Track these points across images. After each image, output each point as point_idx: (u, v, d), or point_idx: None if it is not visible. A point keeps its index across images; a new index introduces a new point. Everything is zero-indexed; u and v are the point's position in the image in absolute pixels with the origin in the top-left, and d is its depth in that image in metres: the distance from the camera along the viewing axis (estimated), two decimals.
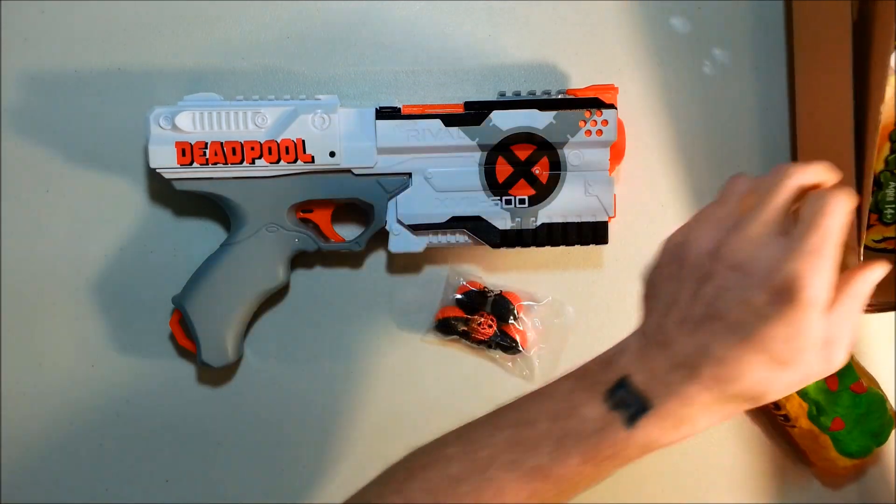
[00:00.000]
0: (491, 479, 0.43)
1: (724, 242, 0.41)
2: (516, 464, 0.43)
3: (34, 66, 0.59)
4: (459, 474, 0.43)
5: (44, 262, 0.60)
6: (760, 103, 0.62)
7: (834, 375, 0.58)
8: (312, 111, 0.55)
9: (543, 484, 0.42)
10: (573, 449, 0.42)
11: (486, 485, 0.43)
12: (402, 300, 0.62)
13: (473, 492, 0.43)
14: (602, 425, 0.42)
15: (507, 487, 0.42)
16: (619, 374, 0.42)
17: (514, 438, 0.43)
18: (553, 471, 0.42)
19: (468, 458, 0.44)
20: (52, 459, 0.61)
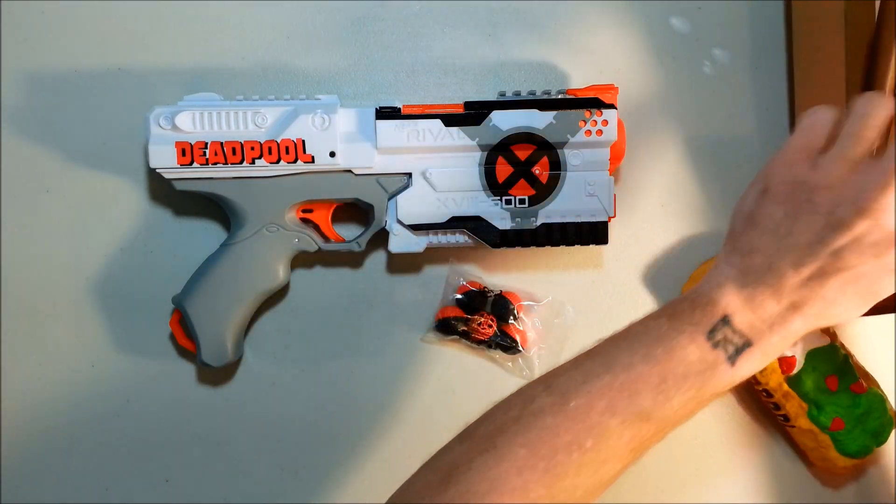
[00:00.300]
0: (592, 426, 0.42)
1: (868, 196, 0.41)
2: (617, 410, 0.42)
3: (34, 66, 0.59)
4: (556, 425, 0.42)
5: (44, 262, 0.60)
6: (760, 103, 0.62)
7: (834, 376, 0.58)
8: (312, 111, 0.55)
9: (646, 426, 0.42)
10: (676, 390, 0.42)
11: (586, 432, 0.41)
12: (402, 300, 0.62)
13: (574, 441, 0.41)
14: (706, 365, 0.42)
15: (609, 434, 0.42)
16: (720, 314, 0.43)
17: (611, 385, 0.42)
18: (656, 413, 0.42)
19: (562, 409, 0.42)
20: (52, 459, 0.61)
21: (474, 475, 0.41)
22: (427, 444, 0.63)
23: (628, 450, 0.42)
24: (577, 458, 0.41)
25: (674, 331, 0.43)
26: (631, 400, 0.42)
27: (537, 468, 0.41)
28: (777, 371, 0.58)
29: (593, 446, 0.41)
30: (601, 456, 0.42)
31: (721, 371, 0.42)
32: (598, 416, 0.42)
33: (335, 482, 0.62)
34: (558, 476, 0.41)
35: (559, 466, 0.41)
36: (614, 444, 0.42)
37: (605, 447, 0.42)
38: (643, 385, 0.42)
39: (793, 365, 0.58)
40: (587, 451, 0.41)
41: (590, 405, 0.42)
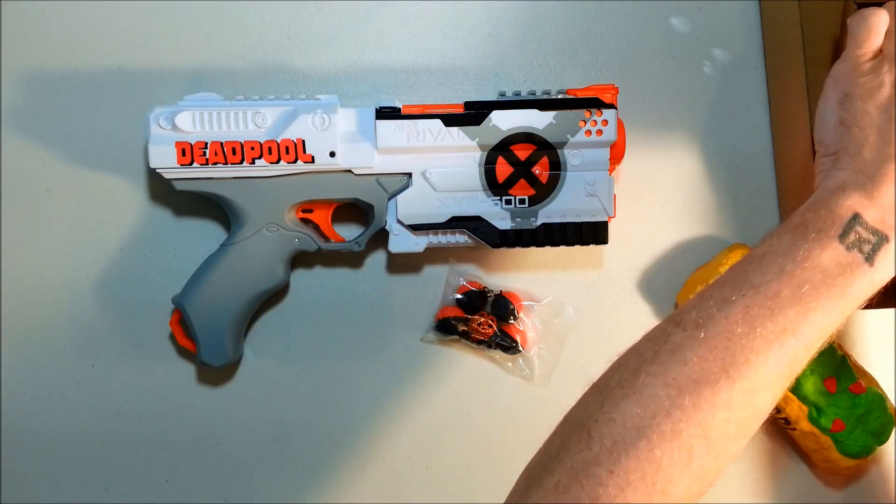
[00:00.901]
0: (735, 353, 0.40)
1: None
2: (760, 332, 0.40)
3: (34, 66, 0.59)
4: (697, 358, 0.40)
5: (44, 262, 0.60)
6: (760, 103, 0.62)
7: (832, 377, 0.58)
8: (312, 111, 0.55)
9: (793, 344, 0.40)
10: (817, 300, 0.41)
11: (730, 360, 0.39)
12: (402, 300, 0.62)
13: (719, 371, 0.39)
14: (843, 269, 0.41)
15: (754, 358, 0.40)
16: (849, 214, 0.42)
17: (747, 307, 0.41)
18: (800, 329, 0.40)
19: (700, 341, 0.40)
20: (52, 459, 0.61)
21: (618, 425, 0.39)
22: (427, 444, 0.64)
23: (777, 374, 0.40)
24: (727, 390, 0.39)
25: (802, 240, 0.42)
26: (771, 317, 0.40)
27: (685, 406, 0.39)
28: None
29: (740, 374, 0.39)
30: (751, 384, 0.40)
31: (861, 272, 0.41)
32: (740, 340, 0.40)
33: (335, 482, 0.62)
34: (709, 412, 0.39)
35: (708, 401, 0.39)
36: (761, 368, 0.40)
37: (752, 373, 0.39)
38: (781, 301, 0.41)
39: None
40: (735, 380, 0.39)
41: (729, 331, 0.40)
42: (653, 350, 0.41)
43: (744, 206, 0.63)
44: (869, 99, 0.45)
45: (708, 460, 0.39)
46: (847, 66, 0.47)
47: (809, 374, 0.58)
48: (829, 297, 0.41)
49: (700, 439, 0.38)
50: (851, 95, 0.46)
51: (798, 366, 0.41)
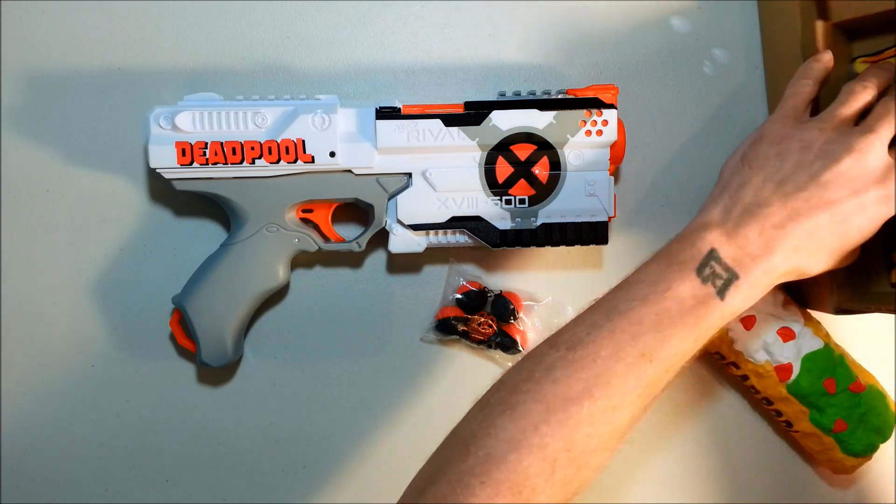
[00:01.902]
0: (599, 374, 0.43)
1: (860, 137, 0.47)
2: (621, 355, 0.44)
3: (34, 66, 0.59)
4: (566, 378, 0.44)
5: (44, 262, 0.60)
6: (760, 103, 0.62)
7: (831, 378, 0.58)
8: (312, 111, 0.55)
9: (650, 367, 0.44)
10: (674, 328, 0.44)
11: (594, 380, 0.43)
12: (402, 300, 0.62)
13: (585, 391, 0.43)
14: (698, 300, 0.44)
15: (615, 379, 0.43)
16: (706, 249, 0.45)
17: (613, 331, 0.44)
18: (657, 353, 0.44)
19: (570, 362, 0.44)
20: (52, 459, 0.61)
21: (492, 439, 0.42)
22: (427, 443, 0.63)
23: (636, 394, 0.44)
24: (589, 408, 0.42)
25: (666, 271, 0.45)
26: (632, 342, 0.44)
27: (552, 422, 0.42)
28: (775, 379, 0.58)
29: (603, 393, 0.43)
30: (612, 402, 0.43)
31: (713, 305, 0.44)
32: (604, 362, 0.43)
33: (335, 482, 0.62)
34: (573, 428, 0.42)
35: (573, 418, 0.42)
36: (621, 388, 0.43)
37: (613, 393, 0.43)
38: (642, 327, 0.44)
39: (789, 372, 0.58)
40: (597, 399, 0.43)
41: (595, 353, 0.44)
42: (528, 369, 0.45)
43: None
44: (775, 145, 0.49)
45: (570, 471, 0.42)
46: (774, 118, 0.51)
47: (808, 375, 0.58)
48: (684, 326, 0.44)
49: (563, 452, 0.42)
50: (763, 137, 0.50)
51: (657, 387, 0.45)
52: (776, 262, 0.45)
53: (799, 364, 0.58)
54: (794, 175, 0.47)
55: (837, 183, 0.46)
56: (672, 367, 0.45)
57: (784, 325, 0.58)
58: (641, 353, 0.44)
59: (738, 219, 0.46)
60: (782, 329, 0.58)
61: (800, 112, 0.51)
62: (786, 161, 0.48)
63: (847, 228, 0.46)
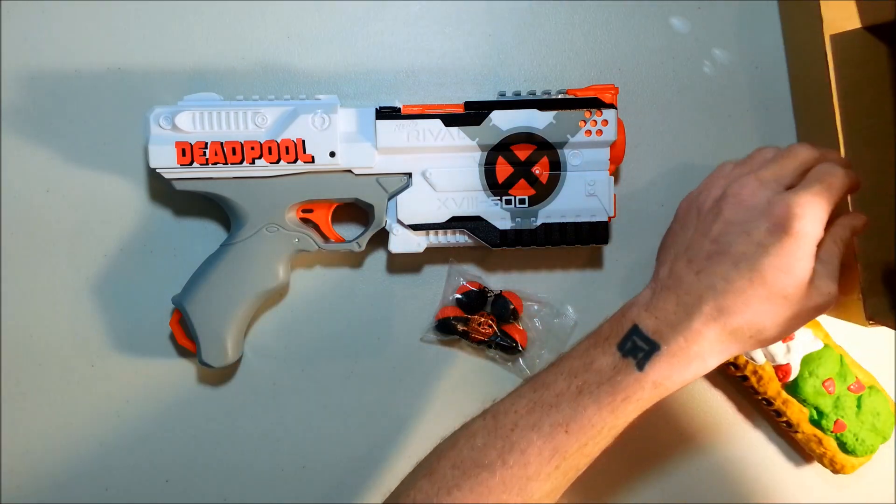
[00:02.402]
0: (514, 443, 0.44)
1: (735, 181, 0.47)
2: (537, 424, 0.45)
3: (34, 66, 0.59)
4: (484, 444, 0.45)
5: (44, 262, 0.60)
6: (760, 103, 0.62)
7: (831, 379, 0.58)
8: (312, 111, 0.55)
9: (565, 438, 0.44)
10: (589, 398, 0.45)
11: (508, 448, 0.44)
12: (402, 300, 0.62)
13: (498, 458, 0.44)
14: (615, 372, 0.45)
15: (530, 448, 0.44)
16: (629, 324, 0.46)
17: (534, 401, 0.46)
18: (572, 424, 0.44)
19: (492, 429, 0.46)
20: (52, 459, 0.61)
21: (410, 500, 0.45)
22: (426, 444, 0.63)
23: (553, 466, 0.44)
24: (501, 475, 0.44)
25: (592, 348, 0.47)
26: (550, 412, 0.45)
27: (463, 487, 0.44)
28: (774, 379, 0.58)
29: (516, 461, 0.44)
30: (526, 472, 0.44)
31: (631, 376, 0.45)
32: (521, 431, 0.45)
33: (335, 482, 0.62)
34: (483, 494, 0.44)
35: (483, 484, 0.44)
36: (536, 458, 0.44)
37: (528, 462, 0.44)
38: (562, 399, 0.45)
39: (788, 372, 0.58)
40: (510, 466, 0.44)
41: (515, 423, 0.45)
42: (458, 435, 0.47)
43: None
44: (679, 219, 0.50)
45: None
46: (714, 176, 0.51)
47: (808, 376, 0.58)
48: (601, 398, 0.45)
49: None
50: (674, 217, 0.51)
51: (575, 459, 0.45)
52: (697, 327, 0.44)
53: (798, 365, 0.58)
54: (691, 239, 0.47)
55: (727, 232, 0.46)
56: (590, 439, 0.45)
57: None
58: (558, 423, 0.44)
59: (658, 294, 0.46)
60: None
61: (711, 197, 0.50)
62: (683, 230, 0.49)
63: (760, 271, 0.44)
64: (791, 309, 0.44)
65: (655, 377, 0.44)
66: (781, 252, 0.44)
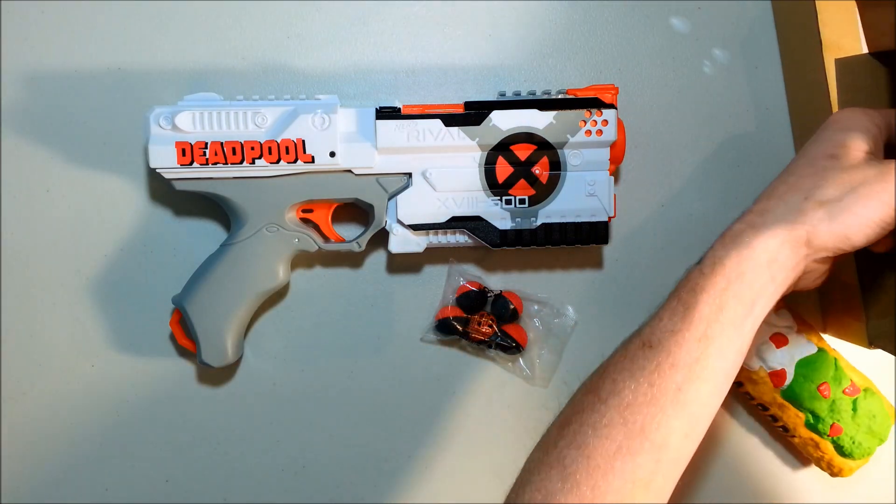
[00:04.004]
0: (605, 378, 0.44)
1: None
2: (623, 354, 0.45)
3: (34, 66, 0.59)
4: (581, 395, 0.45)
5: (44, 262, 0.60)
6: (760, 103, 0.62)
7: (826, 383, 0.58)
8: (312, 111, 0.55)
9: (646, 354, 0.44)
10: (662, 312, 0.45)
11: (601, 385, 0.44)
12: (402, 300, 0.62)
13: (593, 396, 0.44)
14: (684, 280, 0.45)
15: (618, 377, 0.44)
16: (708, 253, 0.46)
17: (623, 343, 0.46)
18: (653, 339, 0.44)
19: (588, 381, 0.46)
20: (52, 459, 0.61)
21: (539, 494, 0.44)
22: (426, 444, 0.64)
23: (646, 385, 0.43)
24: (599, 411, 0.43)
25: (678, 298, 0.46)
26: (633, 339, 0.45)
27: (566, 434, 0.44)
28: (769, 385, 0.58)
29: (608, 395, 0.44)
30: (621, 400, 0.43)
31: (691, 274, 0.45)
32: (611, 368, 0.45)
33: (335, 482, 0.62)
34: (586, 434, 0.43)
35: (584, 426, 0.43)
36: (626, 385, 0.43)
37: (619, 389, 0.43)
38: (642, 325, 0.46)
39: (783, 378, 0.58)
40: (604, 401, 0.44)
41: (607, 364, 0.46)
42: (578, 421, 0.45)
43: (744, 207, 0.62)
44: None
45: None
46: None
47: (802, 381, 0.58)
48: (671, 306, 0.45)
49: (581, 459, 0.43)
50: None
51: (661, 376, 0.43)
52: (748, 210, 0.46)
53: (793, 369, 0.58)
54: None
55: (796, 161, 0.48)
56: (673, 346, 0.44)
57: (777, 330, 0.58)
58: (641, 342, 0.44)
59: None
60: (775, 335, 0.58)
61: None
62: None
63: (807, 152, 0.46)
64: (844, 171, 0.45)
65: (715, 265, 0.44)
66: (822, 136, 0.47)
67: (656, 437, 0.43)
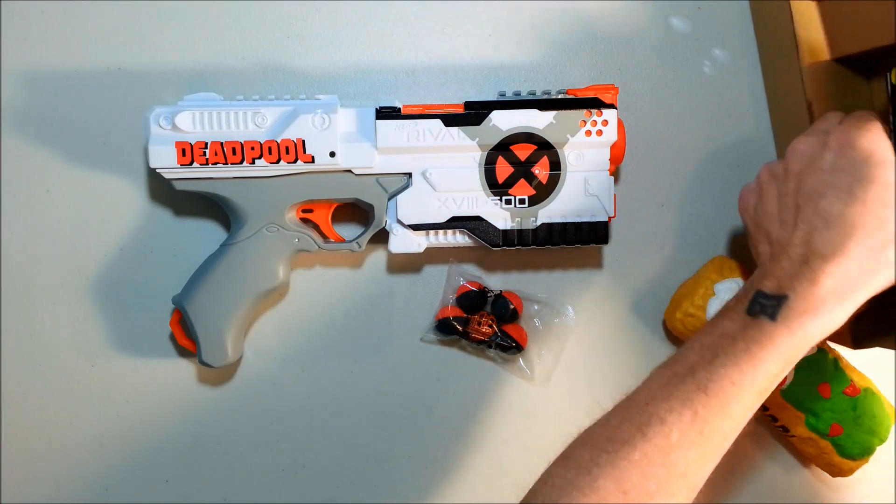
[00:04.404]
0: (651, 414, 0.43)
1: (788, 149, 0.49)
2: (674, 393, 0.44)
3: (34, 66, 0.59)
4: (620, 421, 0.44)
5: (44, 262, 0.60)
6: (760, 103, 0.62)
7: (825, 383, 0.58)
8: (312, 111, 0.55)
9: (705, 400, 0.43)
10: (725, 358, 0.44)
11: (646, 421, 0.43)
12: (402, 300, 0.62)
13: (637, 432, 0.43)
14: (747, 330, 0.45)
15: (669, 416, 0.43)
16: (752, 293, 0.47)
17: (668, 377, 0.45)
18: (711, 385, 0.43)
19: (626, 407, 0.45)
20: (52, 459, 0.61)
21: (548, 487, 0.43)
22: (427, 443, 0.64)
23: (696, 431, 0.43)
24: (641, 448, 0.42)
25: (720, 320, 0.47)
26: (685, 380, 0.44)
27: (603, 465, 0.42)
28: None
29: (656, 432, 0.43)
30: (668, 441, 0.43)
31: (766, 328, 0.44)
32: (658, 403, 0.44)
33: (335, 482, 0.62)
34: (625, 469, 0.42)
35: (624, 459, 0.42)
36: (676, 425, 0.43)
37: (668, 431, 0.43)
38: (697, 366, 0.44)
39: (783, 378, 0.58)
40: (650, 438, 0.43)
41: (650, 398, 0.45)
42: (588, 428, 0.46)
43: None
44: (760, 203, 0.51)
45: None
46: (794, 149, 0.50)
47: (802, 381, 0.58)
48: (735, 353, 0.44)
49: (618, 494, 0.41)
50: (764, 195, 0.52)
51: (717, 424, 0.44)
52: (818, 267, 0.45)
53: (793, 370, 0.58)
54: (779, 204, 0.49)
55: (801, 180, 0.48)
56: (731, 398, 0.44)
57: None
58: (695, 388, 0.44)
59: (768, 263, 0.48)
60: None
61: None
62: (769, 203, 0.50)
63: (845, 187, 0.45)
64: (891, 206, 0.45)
65: (790, 323, 0.44)
66: (855, 164, 0.45)
67: (694, 480, 0.44)
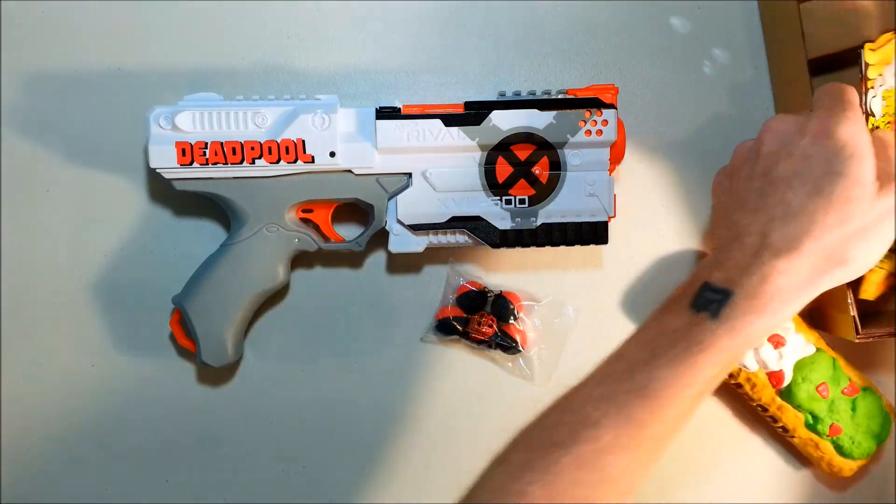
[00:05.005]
0: (586, 415, 0.42)
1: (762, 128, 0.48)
2: (608, 395, 0.42)
3: (34, 66, 0.59)
4: (554, 423, 0.43)
5: (44, 262, 0.60)
6: (760, 103, 0.62)
7: (824, 383, 0.58)
8: (312, 111, 0.55)
9: (640, 404, 0.41)
10: (663, 359, 0.42)
11: (580, 423, 0.42)
12: (402, 300, 0.62)
13: (569, 434, 0.41)
14: (689, 328, 0.43)
15: (603, 420, 0.41)
16: (699, 283, 0.44)
17: (605, 374, 0.44)
18: (646, 388, 0.42)
19: (562, 408, 0.44)
20: (52, 459, 0.61)
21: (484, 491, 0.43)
22: (427, 444, 0.64)
23: (627, 437, 0.42)
24: (574, 451, 0.41)
25: (663, 314, 0.45)
26: (622, 381, 0.43)
27: (536, 468, 0.41)
28: (768, 386, 0.58)
29: (588, 436, 0.41)
30: (599, 445, 0.41)
31: (706, 327, 0.42)
32: (593, 404, 0.42)
33: (335, 482, 0.62)
34: (556, 473, 0.41)
35: (556, 463, 0.41)
36: (610, 430, 0.41)
37: (600, 435, 0.41)
38: (634, 366, 0.43)
39: (782, 379, 0.58)
40: (582, 441, 0.41)
41: (586, 398, 0.43)
42: (528, 425, 0.45)
43: None
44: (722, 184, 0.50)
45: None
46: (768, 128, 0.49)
47: (801, 382, 0.58)
48: (674, 354, 0.42)
49: (545, 500, 0.40)
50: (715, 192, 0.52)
51: (652, 429, 0.42)
52: (768, 262, 0.43)
53: (791, 370, 0.58)
54: (742, 187, 0.47)
55: (770, 162, 0.46)
56: (666, 402, 0.42)
57: (774, 331, 0.58)
58: (630, 389, 0.42)
59: (722, 249, 0.46)
60: (773, 336, 0.58)
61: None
62: (732, 184, 0.48)
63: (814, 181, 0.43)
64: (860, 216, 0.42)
65: (735, 323, 0.42)
66: (828, 155, 0.43)
67: (625, 485, 0.42)
